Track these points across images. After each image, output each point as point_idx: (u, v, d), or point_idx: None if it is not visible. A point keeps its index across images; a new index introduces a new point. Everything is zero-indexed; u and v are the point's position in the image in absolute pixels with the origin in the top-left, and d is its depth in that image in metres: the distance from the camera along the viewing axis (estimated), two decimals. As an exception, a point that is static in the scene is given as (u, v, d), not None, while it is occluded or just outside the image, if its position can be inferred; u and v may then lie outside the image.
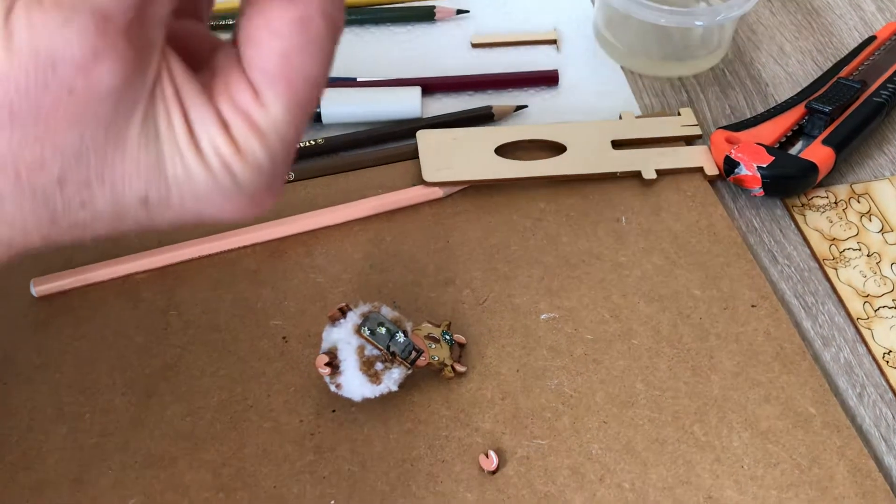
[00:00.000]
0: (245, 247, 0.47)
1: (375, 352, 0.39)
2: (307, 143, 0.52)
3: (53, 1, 0.21)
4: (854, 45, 0.58)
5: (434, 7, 0.60)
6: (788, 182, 0.49)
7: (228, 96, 0.24)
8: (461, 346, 0.43)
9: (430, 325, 0.42)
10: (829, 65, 0.57)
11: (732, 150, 0.49)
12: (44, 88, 0.21)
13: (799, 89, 0.56)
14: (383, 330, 0.39)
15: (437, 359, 0.41)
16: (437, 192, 0.49)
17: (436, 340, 0.42)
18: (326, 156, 0.52)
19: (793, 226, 0.49)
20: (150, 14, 0.22)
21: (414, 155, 0.51)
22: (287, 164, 0.25)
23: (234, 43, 0.25)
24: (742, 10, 0.53)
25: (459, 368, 0.42)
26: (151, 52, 0.23)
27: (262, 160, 0.24)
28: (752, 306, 0.45)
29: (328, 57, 0.24)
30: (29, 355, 0.43)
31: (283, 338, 0.44)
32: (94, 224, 0.24)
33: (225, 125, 0.24)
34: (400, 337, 0.39)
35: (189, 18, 0.27)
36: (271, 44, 0.24)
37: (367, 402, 0.41)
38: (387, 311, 0.41)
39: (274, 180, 0.25)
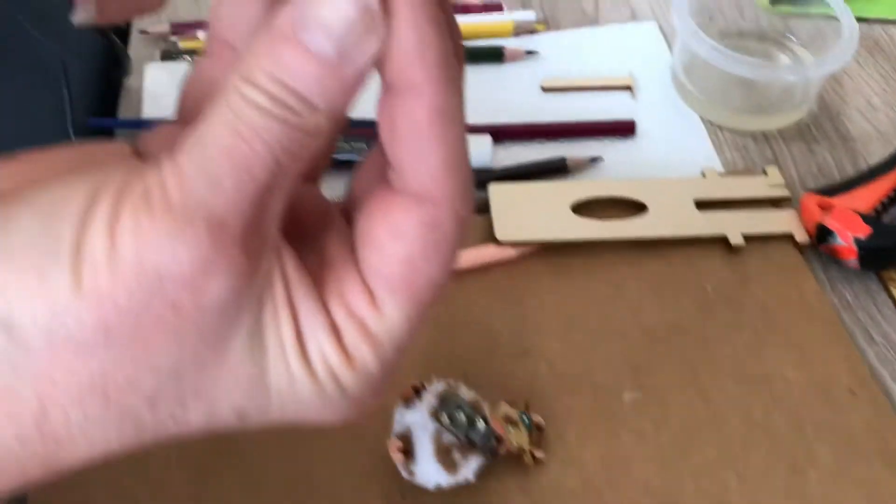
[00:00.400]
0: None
1: (452, 438, 0.36)
2: (372, 194, 0.49)
3: (164, 208, 0.18)
4: (947, 100, 0.55)
5: (503, 48, 0.57)
6: (888, 255, 0.46)
7: (342, 299, 0.21)
8: (539, 429, 0.40)
9: (507, 406, 0.40)
10: (921, 121, 0.54)
11: (826, 218, 0.46)
12: (146, 307, 0.18)
13: (889, 146, 0.53)
14: (462, 416, 0.36)
15: (515, 444, 0.38)
16: (511, 253, 0.47)
17: (514, 423, 0.39)
18: (391, 206, 0.49)
19: (890, 302, 0.46)
20: (268, 213, 0.19)
21: (484, 208, 0.49)
22: (397, 366, 0.22)
23: (346, 211, 0.22)
24: (835, 67, 0.50)
25: (539, 455, 0.39)
26: (265, 253, 0.20)
27: (373, 369, 0.21)
28: (851, 393, 0.42)
29: (454, 257, 0.21)
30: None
31: (350, 411, 0.41)
32: (181, 434, 0.21)
33: (336, 332, 0.21)
34: (480, 424, 0.37)
35: (304, 181, 0.24)
36: (394, 248, 0.21)
37: (439, 491, 0.38)
38: (464, 392, 0.38)
39: (381, 384, 0.22)
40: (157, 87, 0.56)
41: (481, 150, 0.51)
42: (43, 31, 0.72)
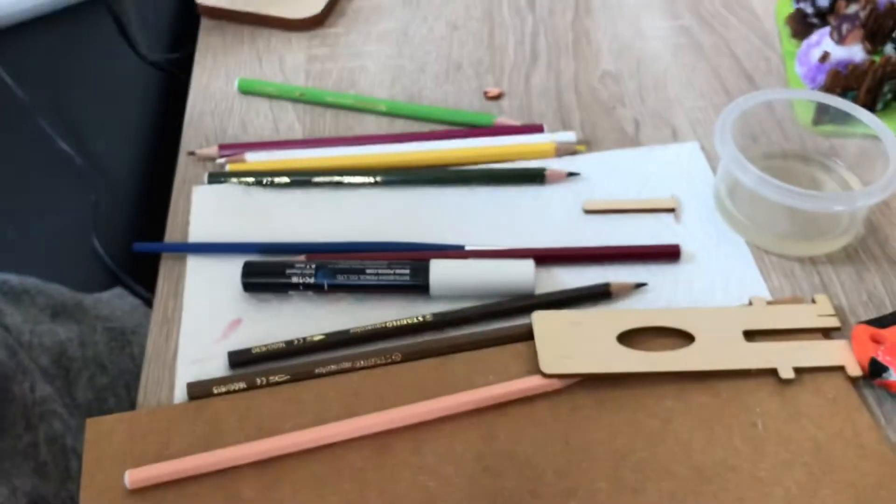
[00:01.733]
0: (350, 440, 0.44)
1: None
2: (415, 321, 0.49)
3: None
4: None
5: (545, 169, 0.58)
6: (945, 392, 0.45)
7: None
8: None
9: None
10: (972, 245, 0.53)
11: (879, 353, 0.45)
12: None
13: (940, 271, 0.52)
14: None
15: None
16: (556, 384, 0.46)
17: None
18: (434, 332, 0.49)
19: (948, 439, 0.45)
20: None
21: (527, 335, 0.48)
22: None
23: None
24: (883, 197, 0.50)
25: None
26: None
27: None
28: (912, 540, 0.41)
29: None
30: (118, 556, 0.40)
31: (392, 554, 0.40)
32: None
33: None
34: None
35: None
36: None
37: None
38: None
39: None
40: (204, 208, 0.57)
41: (524, 276, 0.51)
42: (74, 146, 0.74)
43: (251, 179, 0.58)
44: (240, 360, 0.48)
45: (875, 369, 0.45)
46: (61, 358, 0.61)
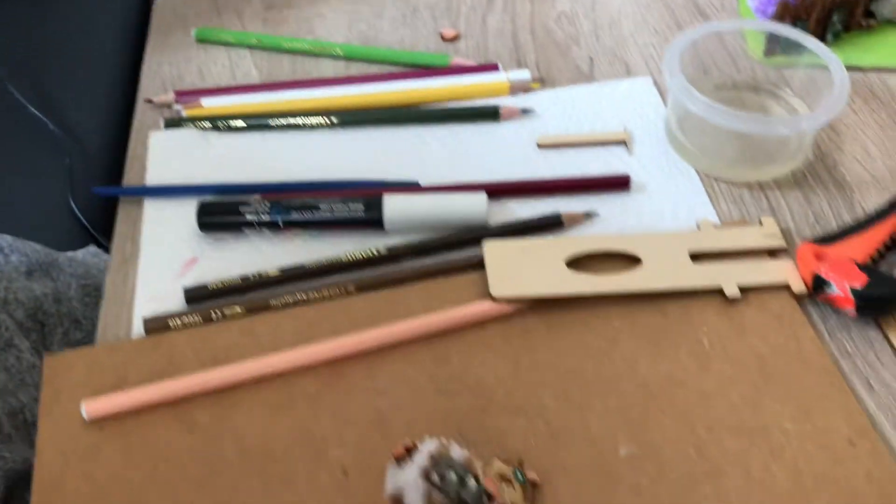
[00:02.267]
0: (304, 367, 0.45)
1: (444, 498, 0.36)
2: (369, 254, 0.50)
3: None
4: (943, 146, 0.55)
5: (499, 107, 0.58)
6: (885, 304, 0.46)
7: None
8: (534, 486, 0.40)
9: (501, 464, 0.39)
10: (918, 168, 0.54)
11: (822, 268, 0.46)
12: None
13: (886, 193, 0.53)
14: (453, 475, 0.36)
15: (509, 502, 0.38)
16: (506, 309, 0.47)
17: (508, 481, 0.39)
18: (388, 265, 0.50)
19: (889, 349, 0.46)
20: None
21: (480, 264, 0.49)
22: None
23: None
24: (827, 119, 0.50)
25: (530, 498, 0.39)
26: None
27: None
28: (850, 443, 0.42)
29: None
30: (78, 483, 0.41)
31: (344, 472, 0.41)
32: None
33: None
34: (471, 483, 0.36)
35: None
36: None
37: (434, 550, 0.38)
38: (456, 452, 0.38)
39: None
40: (160, 154, 0.57)
41: (477, 207, 0.51)
42: (43, 107, 0.74)
43: (207, 124, 0.58)
44: (195, 295, 0.48)
45: (818, 285, 0.46)
46: (37, 313, 0.62)
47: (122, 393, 0.44)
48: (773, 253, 0.50)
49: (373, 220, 0.51)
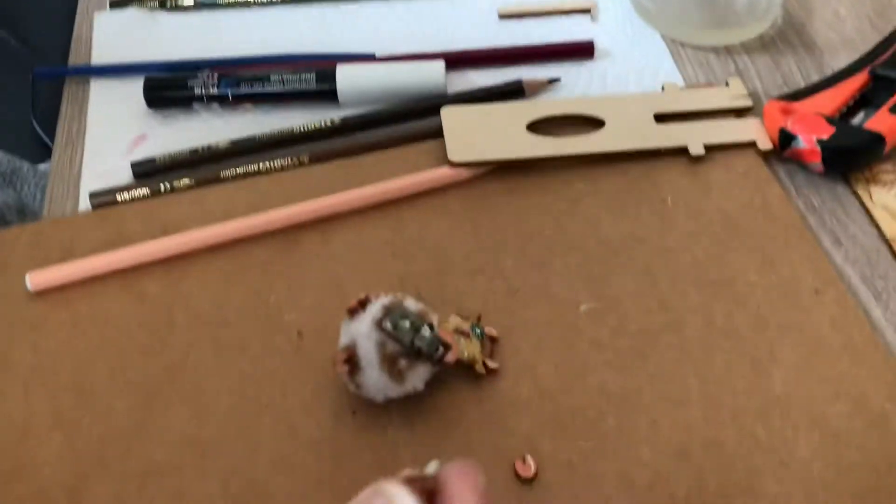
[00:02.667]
0: (257, 235, 0.44)
1: (397, 347, 0.35)
2: (322, 124, 0.48)
3: None
4: (916, 7, 0.53)
5: (458, -23, 0.56)
6: (852, 155, 0.45)
7: None
8: (493, 340, 0.39)
9: (458, 319, 0.38)
10: (891, 28, 0.52)
11: (788, 122, 0.45)
12: None
13: (856, 54, 0.51)
14: (407, 324, 0.35)
15: (466, 355, 0.37)
16: (464, 174, 0.45)
17: (465, 335, 0.38)
18: (343, 136, 0.48)
19: (857, 203, 0.45)
20: None
21: (438, 134, 0.47)
22: None
23: None
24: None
25: (491, 365, 0.38)
26: None
27: None
28: (816, 292, 0.41)
29: None
30: (24, 355, 0.40)
31: (298, 333, 0.40)
32: None
33: None
34: (425, 331, 0.35)
35: None
36: None
37: (390, 404, 0.37)
38: (411, 304, 0.37)
39: None
40: (106, 35, 0.55)
41: (434, 75, 0.50)
42: (5, 24, 0.71)
43: (154, 3, 0.56)
44: (143, 170, 0.47)
45: (785, 139, 0.45)
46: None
47: (68, 264, 0.42)
48: (739, 113, 0.48)
49: (326, 92, 0.49)
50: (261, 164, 0.46)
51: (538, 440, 0.36)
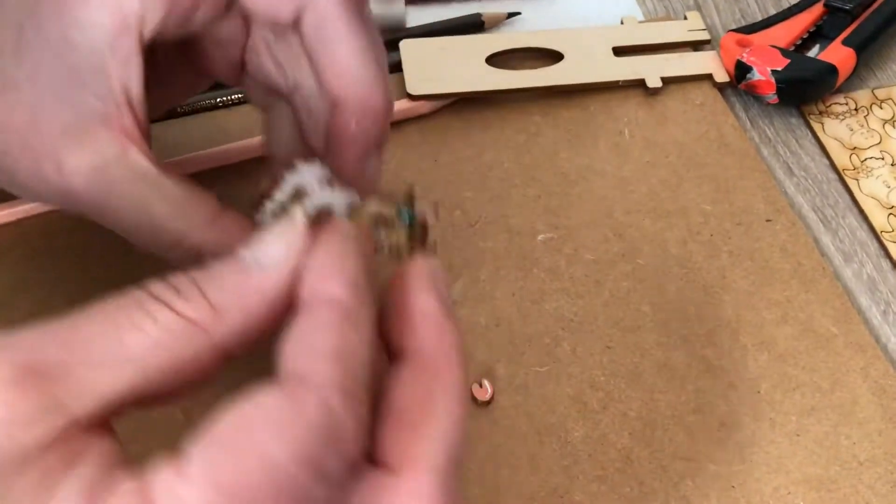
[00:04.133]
0: (215, 169, 0.44)
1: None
2: (282, 58, 0.48)
3: None
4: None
5: None
6: (806, 86, 0.45)
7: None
8: (424, 227, 0.32)
9: (377, 204, 0.30)
10: (848, -37, 0.52)
11: (744, 54, 0.45)
12: None
13: (815, -11, 0.51)
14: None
15: (387, 250, 0.29)
16: (423, 107, 0.45)
17: (387, 223, 0.30)
18: (303, 72, 0.48)
19: (810, 135, 0.46)
20: None
21: (397, 68, 0.47)
22: None
23: None
24: None
25: (423, 255, 0.30)
26: None
27: None
28: (767, 221, 0.42)
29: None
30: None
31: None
32: None
33: None
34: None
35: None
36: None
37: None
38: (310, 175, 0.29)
39: None
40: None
41: (394, 7, 0.49)
42: None
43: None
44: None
45: (740, 71, 0.46)
46: None
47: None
48: (697, 47, 0.49)
49: (285, 26, 0.49)
50: (218, 100, 0.46)
51: (495, 365, 0.37)
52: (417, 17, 0.51)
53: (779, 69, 0.44)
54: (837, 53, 0.45)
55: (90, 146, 0.26)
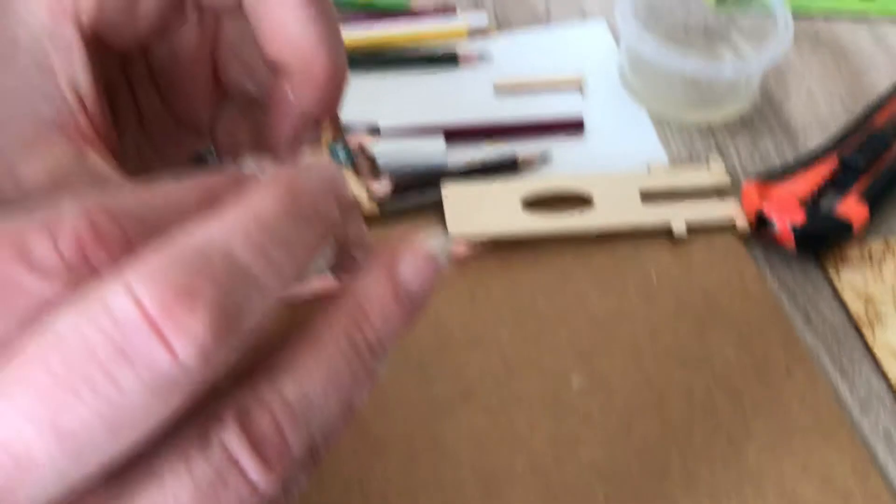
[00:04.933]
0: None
1: None
2: (329, 196, 0.51)
3: None
4: (884, 86, 0.57)
5: (458, 53, 0.59)
6: (822, 240, 0.48)
7: None
8: (365, 155, 0.28)
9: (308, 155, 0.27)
10: (860, 108, 0.56)
11: (764, 206, 0.48)
12: None
13: (827, 133, 0.55)
14: None
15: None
16: (462, 248, 0.48)
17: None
18: (348, 207, 0.51)
19: (827, 284, 0.48)
20: None
21: (437, 207, 0.50)
22: None
23: None
24: (771, 61, 0.52)
25: (378, 189, 0.29)
26: None
27: None
28: (787, 371, 0.44)
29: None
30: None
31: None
32: None
33: None
34: None
35: None
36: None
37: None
38: None
39: None
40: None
41: (435, 150, 0.53)
42: None
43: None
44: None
45: (761, 222, 0.49)
46: None
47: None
48: (720, 192, 0.52)
49: (332, 164, 0.52)
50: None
51: (532, 511, 0.39)
52: (455, 155, 0.54)
53: (797, 223, 0.47)
54: (852, 208, 0.48)
55: (45, 153, 0.24)
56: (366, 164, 0.27)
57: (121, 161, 0.26)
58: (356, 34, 0.61)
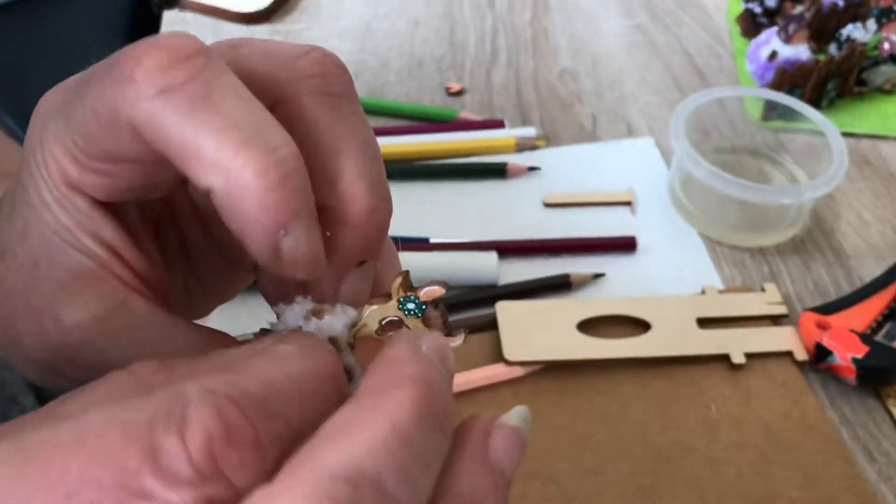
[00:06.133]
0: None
1: None
2: (382, 312, 0.50)
3: None
4: (934, 213, 0.57)
5: (506, 164, 0.59)
6: (884, 374, 0.47)
7: None
8: (438, 307, 0.27)
9: (378, 306, 0.26)
10: (910, 235, 0.56)
11: (824, 338, 0.48)
12: None
13: (880, 261, 0.55)
14: None
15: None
16: (519, 372, 0.48)
17: (396, 325, 0.26)
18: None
19: (888, 418, 0.47)
20: None
21: (491, 325, 0.50)
22: None
23: None
24: (827, 189, 0.52)
25: (455, 342, 0.27)
26: None
27: None
28: (855, 513, 0.43)
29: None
30: None
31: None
32: None
33: None
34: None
35: None
36: None
37: None
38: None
39: None
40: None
41: (488, 267, 0.52)
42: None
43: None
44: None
45: (820, 354, 0.48)
46: None
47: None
48: (774, 319, 0.51)
49: (385, 278, 0.52)
50: (323, 352, 0.48)
51: None
52: (506, 270, 0.54)
53: (859, 356, 0.47)
54: (913, 342, 0.48)
55: (88, 298, 0.25)
56: (438, 318, 0.26)
57: (170, 299, 0.26)
58: (406, 144, 0.61)
